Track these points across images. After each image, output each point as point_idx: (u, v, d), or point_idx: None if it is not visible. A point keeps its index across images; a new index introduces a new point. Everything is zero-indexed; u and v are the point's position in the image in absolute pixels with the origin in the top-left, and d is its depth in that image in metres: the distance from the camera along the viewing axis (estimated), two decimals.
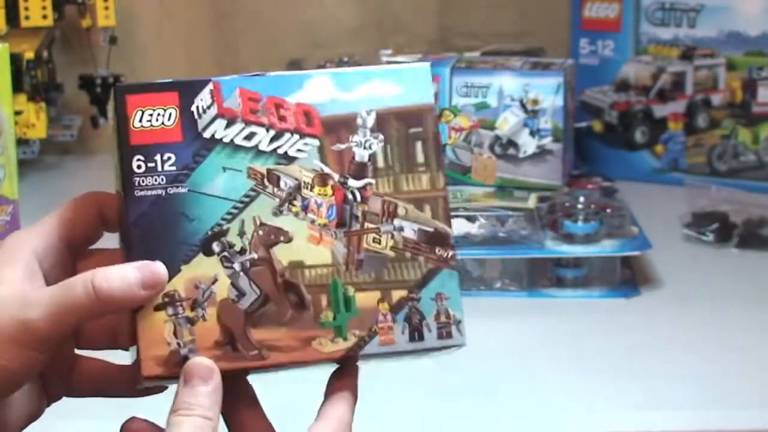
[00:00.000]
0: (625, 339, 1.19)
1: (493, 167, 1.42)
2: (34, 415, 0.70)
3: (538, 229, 1.30)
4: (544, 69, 1.43)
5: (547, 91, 1.41)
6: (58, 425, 0.74)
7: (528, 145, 1.42)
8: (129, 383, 0.71)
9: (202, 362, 0.66)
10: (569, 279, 1.30)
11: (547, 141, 1.42)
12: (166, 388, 0.69)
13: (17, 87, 1.47)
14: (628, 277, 1.32)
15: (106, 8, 1.61)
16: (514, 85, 1.41)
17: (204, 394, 0.65)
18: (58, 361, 0.70)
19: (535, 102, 1.42)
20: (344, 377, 0.69)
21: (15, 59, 1.47)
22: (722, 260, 1.38)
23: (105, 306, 0.65)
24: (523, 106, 1.41)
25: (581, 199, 1.34)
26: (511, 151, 1.42)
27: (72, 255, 0.70)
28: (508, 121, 1.41)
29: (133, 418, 0.68)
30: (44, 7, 1.57)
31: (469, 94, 1.42)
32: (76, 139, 1.68)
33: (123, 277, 0.65)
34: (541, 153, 1.42)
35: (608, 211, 1.32)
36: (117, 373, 0.72)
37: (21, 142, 1.52)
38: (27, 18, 1.57)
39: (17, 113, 1.49)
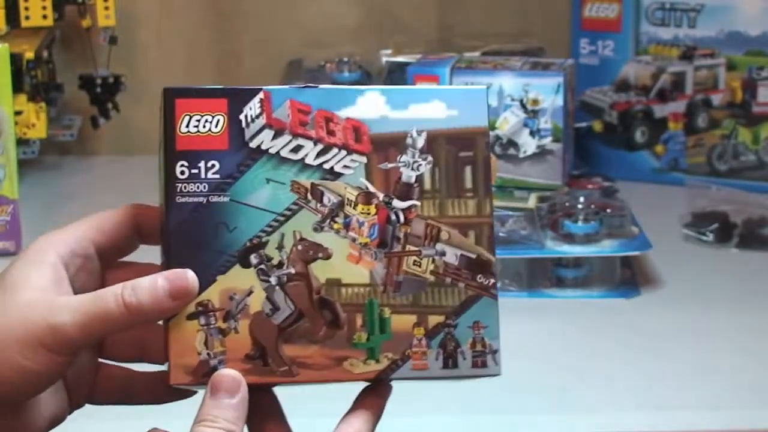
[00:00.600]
0: (625, 339, 1.19)
1: (493, 167, 1.41)
2: (58, 419, 0.70)
3: (538, 229, 1.30)
4: (544, 69, 1.43)
5: (547, 91, 1.41)
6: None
7: (528, 145, 1.42)
8: (153, 392, 0.71)
9: (228, 374, 0.65)
10: (569, 279, 1.30)
11: (547, 141, 1.42)
12: (195, 393, 0.68)
13: (17, 87, 1.47)
14: (628, 277, 1.32)
15: (106, 8, 1.61)
16: (514, 85, 1.41)
17: (229, 406, 0.64)
18: (82, 367, 0.70)
19: (535, 102, 1.42)
20: (373, 396, 0.69)
21: (15, 59, 1.47)
22: (722, 260, 1.38)
23: (135, 318, 0.64)
24: (523, 106, 1.41)
25: (581, 199, 1.34)
26: (511, 151, 1.42)
27: (102, 262, 0.69)
28: (508, 121, 1.41)
29: (154, 430, 0.67)
30: (44, 7, 1.57)
31: None
32: (76, 139, 1.68)
33: (152, 288, 0.64)
34: (541, 153, 1.42)
35: (608, 211, 1.32)
36: (141, 381, 0.72)
37: (21, 142, 1.52)
38: (27, 18, 1.56)
39: (17, 113, 1.49)
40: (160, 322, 0.67)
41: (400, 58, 1.63)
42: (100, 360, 0.72)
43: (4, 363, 0.63)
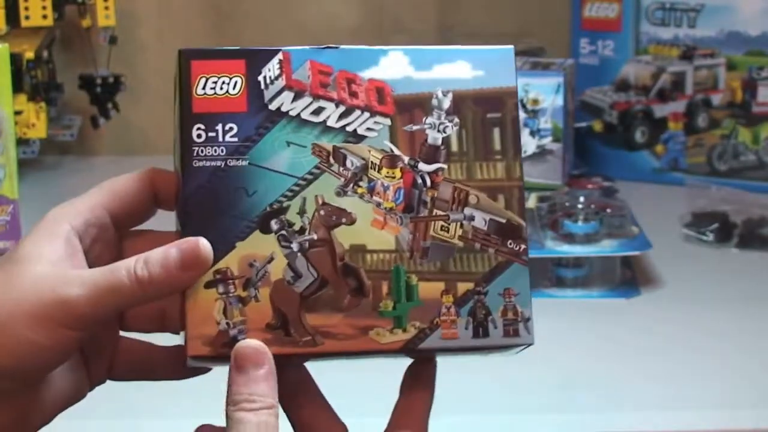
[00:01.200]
0: (625, 339, 1.19)
1: None
2: (75, 397, 0.68)
3: (538, 229, 1.30)
4: (544, 69, 1.43)
5: (547, 91, 1.41)
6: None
7: (528, 145, 1.42)
8: (173, 366, 0.68)
9: (251, 345, 0.62)
10: (569, 279, 1.30)
11: (547, 141, 1.42)
12: (210, 369, 0.66)
13: (17, 87, 1.47)
14: (628, 277, 1.32)
15: (106, 8, 1.61)
16: None
17: (259, 379, 0.61)
18: (100, 343, 0.68)
19: (535, 102, 1.42)
20: (421, 374, 0.67)
21: (15, 59, 1.47)
22: (722, 260, 1.38)
23: (148, 293, 0.62)
24: (523, 106, 1.41)
25: (581, 199, 1.34)
26: None
27: (118, 231, 0.67)
28: None
29: (201, 427, 0.65)
30: (44, 7, 1.57)
31: None
32: (76, 139, 1.68)
33: (164, 261, 0.62)
34: (541, 153, 1.42)
35: (608, 211, 1.32)
36: (161, 355, 0.70)
37: (21, 142, 1.52)
38: (27, 18, 1.56)
39: (17, 113, 1.49)
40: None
41: None
42: (121, 333, 0.70)
43: (14, 337, 0.61)
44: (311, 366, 0.67)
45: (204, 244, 0.63)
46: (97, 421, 0.97)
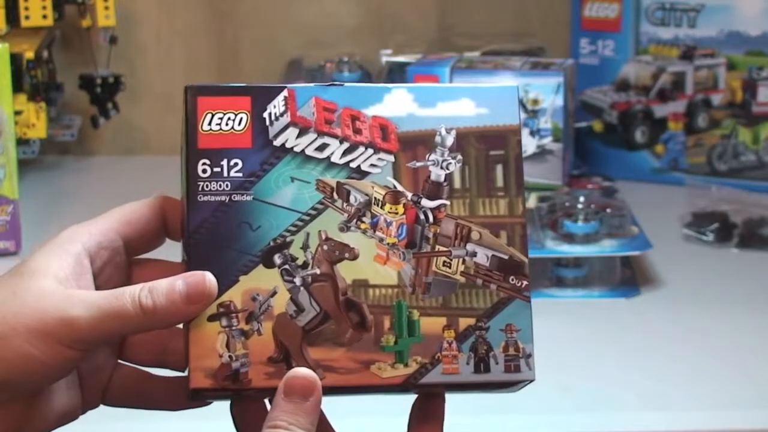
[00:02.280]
0: (625, 339, 1.19)
1: None
2: (69, 416, 0.68)
3: (538, 229, 1.30)
4: (544, 69, 1.43)
5: (547, 91, 1.41)
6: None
7: (528, 145, 1.42)
8: (170, 396, 0.69)
9: (304, 375, 0.63)
10: (569, 279, 1.30)
11: (547, 141, 1.42)
12: (210, 402, 0.67)
13: (17, 87, 1.47)
14: (628, 277, 1.32)
15: (106, 8, 1.61)
16: None
17: (303, 410, 0.62)
18: (97, 367, 0.69)
19: (535, 102, 1.42)
20: (429, 409, 0.67)
21: (15, 59, 1.47)
22: (722, 260, 1.38)
23: (150, 321, 0.63)
24: (523, 106, 1.41)
25: (581, 199, 1.34)
26: None
27: (128, 256, 0.68)
28: None
29: None
30: (44, 7, 1.57)
31: None
32: (76, 139, 1.68)
33: (169, 292, 0.63)
34: (541, 153, 1.42)
35: (608, 211, 1.32)
36: (158, 385, 0.71)
37: (21, 142, 1.52)
38: (27, 18, 1.56)
39: (17, 113, 1.49)
40: (181, 326, 0.65)
41: (400, 58, 1.63)
42: (119, 361, 0.71)
43: (13, 350, 0.62)
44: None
45: (210, 278, 0.64)
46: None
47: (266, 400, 0.67)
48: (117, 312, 0.63)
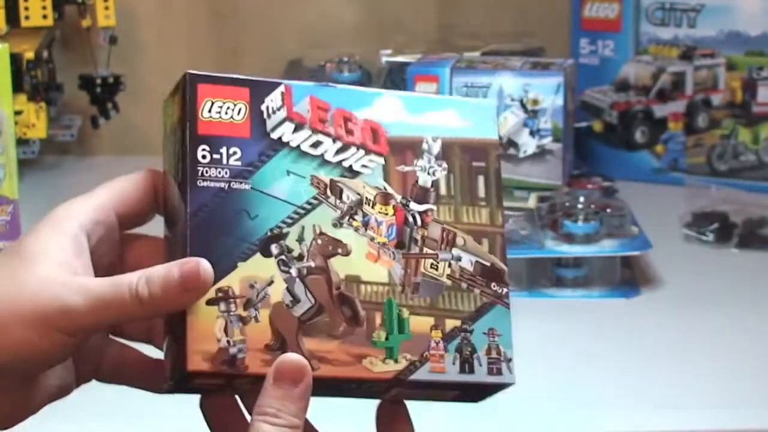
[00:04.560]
0: (625, 339, 1.19)
1: None
2: (63, 391, 0.69)
3: (538, 229, 1.30)
4: (544, 69, 1.43)
5: (547, 91, 1.41)
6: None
7: (528, 145, 1.42)
8: (159, 378, 0.69)
9: (293, 360, 0.64)
10: (569, 279, 1.30)
11: (547, 141, 1.42)
12: (191, 393, 0.67)
13: (17, 87, 1.47)
14: (628, 277, 1.32)
15: (106, 8, 1.61)
16: (514, 85, 1.41)
17: (292, 397, 0.63)
18: (91, 344, 0.69)
19: (535, 102, 1.41)
20: (397, 413, 0.68)
21: (15, 59, 1.47)
22: (722, 260, 1.38)
23: (147, 311, 0.63)
24: (523, 106, 1.41)
25: (581, 199, 1.34)
26: (511, 151, 1.42)
27: (121, 230, 0.68)
28: (508, 121, 1.41)
29: None
30: (44, 7, 1.57)
31: (469, 94, 1.42)
32: (76, 139, 1.68)
33: (164, 281, 0.63)
34: (541, 153, 1.42)
35: (608, 211, 1.32)
36: (148, 366, 0.71)
37: (21, 142, 1.52)
38: (27, 18, 1.56)
39: (17, 113, 1.49)
40: None
41: (400, 58, 1.63)
42: (111, 337, 0.71)
43: (12, 336, 0.63)
44: None
45: (205, 266, 0.64)
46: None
47: (237, 397, 0.67)
48: (115, 301, 0.63)
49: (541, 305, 1.26)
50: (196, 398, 0.68)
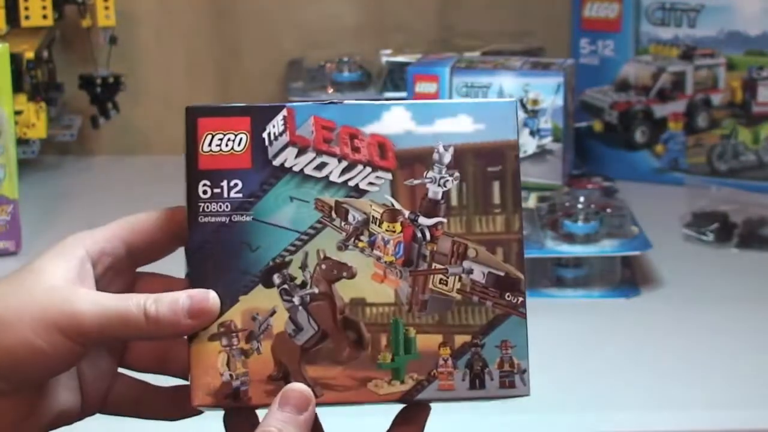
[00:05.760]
0: (625, 339, 1.19)
1: None
2: (68, 417, 0.69)
3: (538, 229, 1.30)
4: (544, 69, 1.43)
5: (547, 91, 1.41)
6: None
7: (528, 145, 1.42)
8: (167, 407, 0.71)
9: (299, 389, 0.65)
10: (569, 279, 1.30)
11: (547, 141, 1.42)
12: (202, 412, 0.68)
13: (17, 87, 1.47)
14: (628, 277, 1.32)
15: (106, 8, 1.61)
16: (514, 85, 1.42)
17: (295, 422, 0.64)
18: (98, 373, 0.70)
19: (535, 102, 1.42)
20: (411, 422, 0.68)
21: (15, 59, 1.47)
22: (722, 260, 1.38)
23: (152, 329, 0.64)
24: (523, 106, 1.42)
25: (581, 199, 1.34)
26: None
27: (132, 263, 0.69)
28: None
29: None
30: (44, 7, 1.57)
31: (469, 94, 1.42)
32: (76, 139, 1.68)
33: (173, 304, 0.64)
34: (541, 153, 1.42)
35: (608, 211, 1.32)
36: (156, 396, 0.72)
37: (21, 142, 1.52)
38: (27, 18, 1.56)
39: (17, 113, 1.49)
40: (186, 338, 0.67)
41: (400, 58, 1.63)
42: (120, 370, 0.72)
43: (17, 339, 0.63)
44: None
45: (213, 297, 0.65)
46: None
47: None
48: (121, 313, 0.64)
49: (541, 305, 1.26)
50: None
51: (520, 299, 0.68)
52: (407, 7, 1.76)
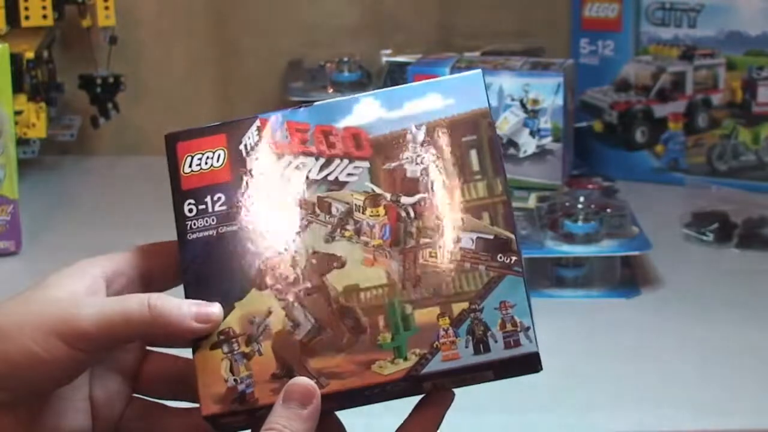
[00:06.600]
0: (625, 339, 1.19)
1: None
2: None
3: (538, 229, 1.30)
4: (544, 69, 1.43)
5: (547, 91, 1.41)
6: None
7: (528, 145, 1.42)
8: (184, 429, 0.71)
9: (302, 384, 0.65)
10: (569, 279, 1.30)
11: (547, 141, 1.42)
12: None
13: (17, 87, 1.47)
14: (628, 277, 1.32)
15: (106, 8, 1.61)
16: (514, 85, 1.42)
17: (299, 417, 0.64)
18: (111, 392, 0.71)
19: (535, 102, 1.42)
20: (430, 406, 0.68)
21: (15, 59, 1.47)
22: (722, 260, 1.38)
23: (155, 324, 0.65)
24: (523, 106, 1.42)
25: (581, 199, 1.34)
26: (511, 151, 1.42)
27: (146, 288, 0.70)
28: (508, 121, 1.42)
29: None
30: (44, 7, 1.57)
31: None
32: (76, 139, 1.68)
33: (179, 306, 0.66)
34: (541, 153, 1.42)
35: (608, 211, 1.32)
36: (172, 418, 0.72)
37: (21, 142, 1.52)
38: (27, 18, 1.56)
39: (17, 113, 1.49)
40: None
41: (400, 58, 1.63)
42: (134, 395, 0.72)
43: (15, 346, 0.64)
44: None
45: (218, 307, 0.67)
46: None
47: None
48: (121, 313, 0.65)
49: (541, 305, 1.26)
50: None
51: (513, 258, 0.68)
52: (407, 7, 1.76)
